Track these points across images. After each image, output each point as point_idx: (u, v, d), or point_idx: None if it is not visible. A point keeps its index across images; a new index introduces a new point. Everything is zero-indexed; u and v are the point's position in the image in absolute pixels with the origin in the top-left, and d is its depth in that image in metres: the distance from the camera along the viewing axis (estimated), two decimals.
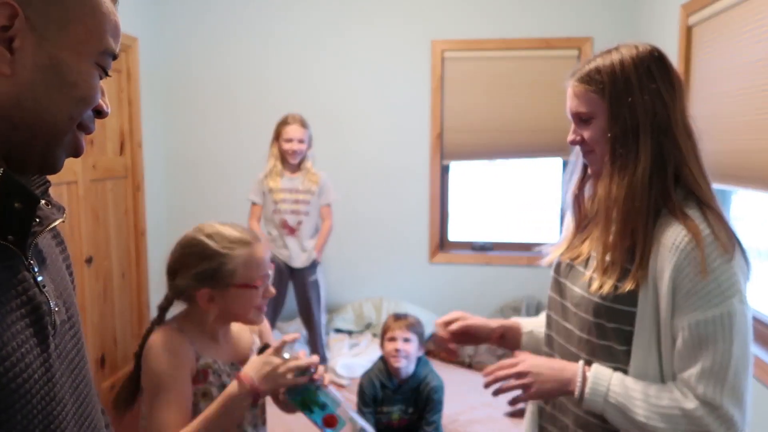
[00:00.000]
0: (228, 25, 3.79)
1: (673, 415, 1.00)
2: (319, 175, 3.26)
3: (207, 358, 1.30)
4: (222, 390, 1.27)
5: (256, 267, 1.30)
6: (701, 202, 1.06)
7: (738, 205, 2.60)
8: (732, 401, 0.99)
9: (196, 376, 1.27)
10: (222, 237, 1.29)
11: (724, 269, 0.99)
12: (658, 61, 1.09)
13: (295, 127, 3.17)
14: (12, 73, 0.64)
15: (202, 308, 1.29)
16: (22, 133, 0.67)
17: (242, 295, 1.29)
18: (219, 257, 1.27)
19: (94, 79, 0.71)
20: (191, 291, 1.29)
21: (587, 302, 1.12)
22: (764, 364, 2.08)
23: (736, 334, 0.98)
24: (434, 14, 3.67)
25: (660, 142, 1.07)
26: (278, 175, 3.21)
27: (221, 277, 1.26)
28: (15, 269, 0.68)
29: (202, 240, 1.29)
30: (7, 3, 0.63)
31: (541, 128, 3.58)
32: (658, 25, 3.13)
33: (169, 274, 1.32)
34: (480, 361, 3.38)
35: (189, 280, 1.28)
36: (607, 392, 1.06)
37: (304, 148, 3.19)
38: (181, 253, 1.31)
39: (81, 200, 2.94)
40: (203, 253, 1.27)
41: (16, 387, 0.64)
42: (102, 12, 0.70)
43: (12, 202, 0.65)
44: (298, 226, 3.22)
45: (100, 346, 3.15)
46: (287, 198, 3.21)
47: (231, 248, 1.28)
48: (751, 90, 2.17)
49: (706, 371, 0.99)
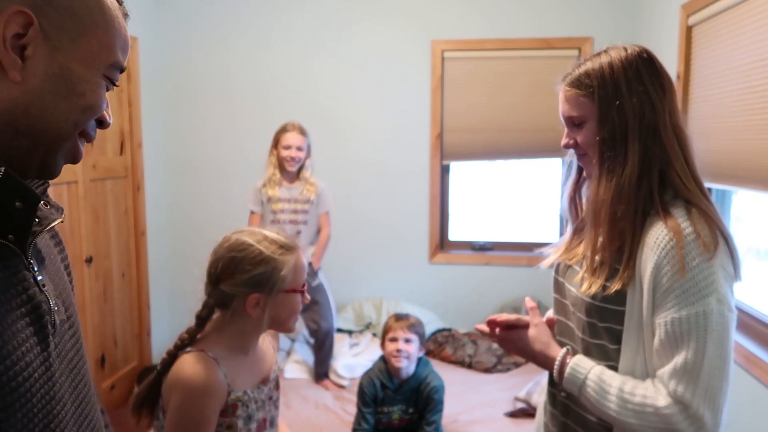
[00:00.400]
0: (228, 25, 3.79)
1: (644, 411, 1.01)
2: (318, 184, 3.23)
3: (238, 390, 1.27)
4: (248, 420, 1.28)
5: (301, 272, 1.32)
6: (688, 201, 1.06)
7: (738, 205, 2.60)
8: (704, 402, 0.98)
9: (224, 410, 1.25)
10: (272, 242, 1.29)
11: (703, 268, 0.99)
12: (647, 63, 1.10)
13: (294, 134, 3.14)
14: (22, 80, 0.65)
15: (247, 314, 1.27)
16: (25, 140, 0.68)
17: (289, 301, 1.30)
18: (273, 262, 1.26)
19: (101, 89, 0.72)
20: (240, 297, 1.26)
21: (581, 302, 1.14)
22: (764, 364, 2.08)
23: (710, 334, 0.98)
24: (434, 14, 3.67)
25: (647, 144, 1.07)
26: (277, 184, 3.18)
27: (274, 282, 1.26)
28: (15, 269, 0.68)
29: (254, 244, 1.27)
30: (22, 12, 0.63)
31: (541, 128, 3.59)
32: (658, 25, 3.13)
33: (213, 281, 1.29)
34: (480, 361, 3.38)
35: (240, 286, 1.25)
36: (583, 383, 1.08)
37: (302, 155, 3.16)
38: (231, 259, 1.27)
39: (81, 200, 2.95)
40: (257, 257, 1.26)
41: (16, 386, 0.64)
42: (114, 27, 0.72)
43: (13, 202, 0.66)
44: (297, 235, 3.19)
45: (100, 346, 3.15)
46: (286, 208, 3.18)
47: (282, 253, 1.28)
48: (751, 90, 2.17)
49: (678, 369, 0.99)
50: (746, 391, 2.19)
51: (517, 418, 2.79)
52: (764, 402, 2.08)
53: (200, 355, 1.25)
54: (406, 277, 3.87)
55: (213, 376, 1.23)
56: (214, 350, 1.26)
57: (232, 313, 1.28)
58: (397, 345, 2.41)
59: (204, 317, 1.30)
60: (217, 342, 1.29)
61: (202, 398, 1.21)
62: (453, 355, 3.46)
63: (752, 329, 2.27)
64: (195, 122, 3.89)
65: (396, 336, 2.43)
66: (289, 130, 3.15)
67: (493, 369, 3.33)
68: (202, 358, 1.24)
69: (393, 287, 3.87)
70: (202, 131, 3.89)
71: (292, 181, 3.22)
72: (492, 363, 3.36)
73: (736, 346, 2.26)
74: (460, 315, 3.80)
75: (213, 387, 1.22)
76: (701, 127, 2.57)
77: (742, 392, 2.21)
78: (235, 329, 1.29)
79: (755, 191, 2.18)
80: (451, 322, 3.78)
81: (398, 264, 3.87)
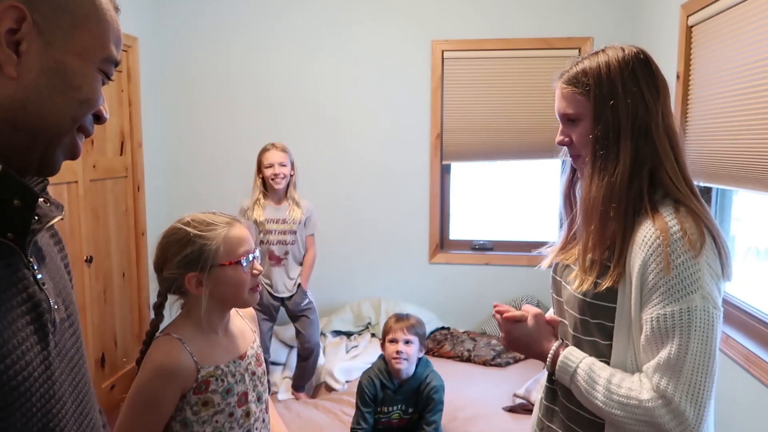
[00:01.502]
0: (228, 25, 3.79)
1: (629, 404, 1.02)
2: (305, 206, 3.21)
3: (208, 366, 1.30)
4: (226, 394, 1.30)
5: (237, 244, 1.32)
6: (678, 201, 1.08)
7: (738, 205, 2.60)
8: (686, 397, 0.99)
9: (196, 388, 1.28)
10: (200, 221, 1.32)
11: (689, 265, 1.00)
12: (643, 64, 1.11)
13: (274, 152, 3.11)
14: (18, 75, 0.65)
15: (193, 296, 1.31)
16: (24, 136, 0.68)
17: (229, 274, 1.30)
18: (199, 239, 1.29)
19: (97, 83, 0.72)
20: (180, 279, 1.30)
21: (573, 299, 1.16)
22: (764, 363, 2.08)
23: (694, 330, 0.99)
24: (434, 14, 3.67)
25: (639, 144, 1.09)
26: (262, 207, 3.15)
27: (205, 258, 1.28)
28: (15, 267, 0.68)
29: (181, 227, 1.31)
30: (15, 6, 0.63)
31: (541, 128, 3.58)
32: (658, 25, 3.13)
33: (157, 270, 1.34)
34: (479, 355, 3.38)
35: (175, 269, 1.30)
36: (574, 373, 1.10)
37: (286, 171, 3.12)
38: (163, 245, 1.32)
39: (81, 200, 2.95)
40: (184, 239, 1.30)
41: (16, 385, 0.64)
42: (106, 20, 0.72)
43: (11, 200, 0.66)
44: (285, 256, 3.17)
45: (100, 346, 3.15)
46: (274, 229, 3.14)
47: (210, 230, 1.30)
48: (750, 90, 2.16)
49: (662, 363, 1.00)
50: (746, 391, 2.19)
51: (516, 413, 2.79)
52: (764, 402, 2.08)
53: (165, 338, 1.30)
54: (406, 277, 3.87)
55: (174, 357, 1.26)
56: (179, 332, 1.31)
57: (185, 301, 1.34)
58: (397, 347, 2.40)
59: (158, 305, 1.35)
60: (184, 325, 1.33)
61: (160, 379, 1.25)
62: (452, 351, 3.46)
63: (752, 329, 2.27)
64: (195, 122, 3.89)
65: (396, 337, 2.42)
66: (269, 149, 3.13)
67: (492, 362, 3.32)
68: (166, 340, 1.29)
69: (393, 287, 3.87)
70: (202, 131, 3.89)
71: (279, 201, 3.18)
72: (491, 356, 3.35)
73: (737, 345, 2.26)
74: (460, 315, 3.80)
75: (173, 368, 1.26)
76: (701, 127, 2.57)
77: (742, 392, 2.21)
78: (193, 311, 1.33)
79: (755, 191, 2.17)
80: (450, 322, 3.78)
81: (398, 264, 3.87)
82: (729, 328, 2.37)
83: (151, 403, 1.25)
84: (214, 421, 1.29)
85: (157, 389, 1.25)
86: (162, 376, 1.25)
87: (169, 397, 1.26)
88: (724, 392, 2.31)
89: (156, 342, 1.31)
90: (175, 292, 1.34)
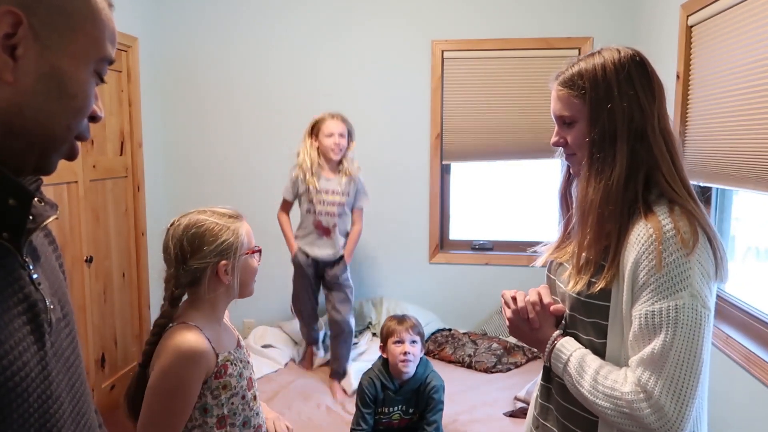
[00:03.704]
0: (228, 24, 3.79)
1: (612, 395, 1.04)
2: (357, 179, 3.17)
3: (224, 351, 1.37)
4: (239, 377, 1.37)
5: (251, 235, 1.45)
6: (673, 201, 1.08)
7: (738, 205, 2.60)
8: (667, 392, 0.99)
9: (216, 372, 1.33)
10: (222, 215, 1.40)
11: (680, 263, 1.00)
12: (639, 67, 1.11)
13: (336, 121, 3.07)
14: (14, 80, 0.65)
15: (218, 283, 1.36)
16: (20, 141, 0.67)
17: (250, 262, 1.43)
18: (229, 231, 1.38)
19: (91, 88, 0.72)
20: (210, 268, 1.35)
21: (568, 298, 1.17)
22: (764, 363, 2.08)
23: (680, 327, 0.99)
24: (434, 14, 3.67)
25: (634, 147, 1.09)
26: (317, 176, 3.09)
27: (237, 247, 1.37)
28: (10, 267, 0.68)
29: (209, 219, 1.38)
30: (11, 11, 0.63)
31: (540, 129, 3.58)
32: (658, 25, 3.13)
33: (180, 262, 1.36)
34: (480, 362, 3.38)
35: (208, 257, 1.35)
36: (567, 362, 1.12)
37: (344, 143, 3.09)
38: (193, 235, 1.36)
39: (81, 200, 2.95)
40: (216, 229, 1.37)
41: (13, 385, 0.64)
42: (101, 19, 0.71)
43: (6, 200, 0.66)
44: (333, 228, 3.13)
45: (100, 346, 3.15)
46: (324, 199, 3.10)
47: (233, 222, 1.40)
48: (750, 90, 2.16)
49: (645, 358, 1.01)
50: (746, 391, 2.18)
51: (516, 417, 2.79)
52: (764, 402, 2.08)
53: (182, 326, 1.33)
54: (406, 277, 3.86)
55: (200, 342, 1.31)
56: (193, 321, 1.36)
57: (204, 285, 1.37)
58: (404, 348, 2.38)
59: (178, 297, 1.38)
60: (193, 314, 1.37)
61: (187, 363, 1.28)
62: (453, 355, 3.46)
63: (752, 329, 2.27)
64: (195, 122, 3.89)
65: (402, 338, 2.40)
66: (327, 118, 3.08)
67: (493, 369, 3.33)
68: (186, 327, 1.33)
69: (393, 287, 3.87)
70: (202, 131, 3.89)
71: (332, 171, 3.14)
72: (492, 363, 3.35)
73: (737, 345, 2.26)
74: (460, 315, 3.80)
75: (200, 352, 1.30)
76: (701, 127, 2.56)
77: (742, 392, 2.21)
78: (207, 301, 1.38)
79: (755, 191, 2.17)
80: (451, 322, 3.78)
81: (398, 264, 3.87)
82: (729, 328, 2.36)
83: (179, 388, 1.28)
84: (230, 402, 1.36)
85: (184, 373, 1.28)
86: (189, 359, 1.28)
87: (196, 380, 1.30)
88: (724, 392, 2.31)
89: (172, 331, 1.33)
90: (194, 284, 1.37)
